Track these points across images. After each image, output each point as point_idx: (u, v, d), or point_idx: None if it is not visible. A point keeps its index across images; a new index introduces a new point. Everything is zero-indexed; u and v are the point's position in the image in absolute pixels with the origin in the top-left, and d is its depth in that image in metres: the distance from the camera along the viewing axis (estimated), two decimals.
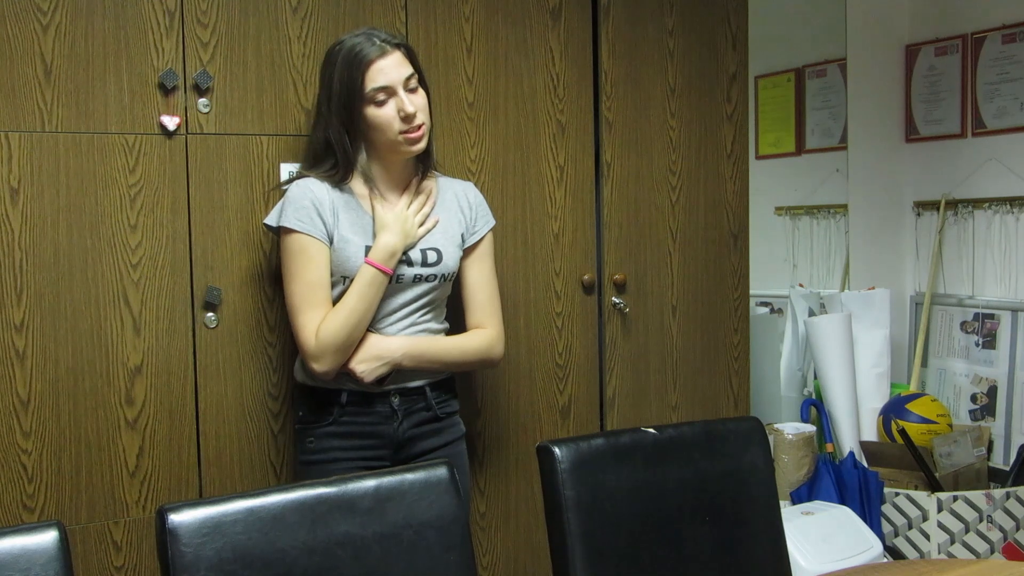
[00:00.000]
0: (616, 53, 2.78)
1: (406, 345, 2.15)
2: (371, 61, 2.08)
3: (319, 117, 2.17)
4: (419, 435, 2.20)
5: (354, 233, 2.13)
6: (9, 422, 2.08)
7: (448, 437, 2.26)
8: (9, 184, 2.07)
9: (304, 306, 2.09)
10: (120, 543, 2.19)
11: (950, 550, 3.25)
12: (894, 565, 1.97)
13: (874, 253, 4.01)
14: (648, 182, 2.85)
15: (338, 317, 2.07)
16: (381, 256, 2.10)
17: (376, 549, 1.57)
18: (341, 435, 2.16)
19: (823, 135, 4.10)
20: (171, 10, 2.20)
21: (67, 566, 1.40)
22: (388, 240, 2.11)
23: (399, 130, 2.11)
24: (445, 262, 2.20)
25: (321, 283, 2.10)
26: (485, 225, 2.30)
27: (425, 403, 2.21)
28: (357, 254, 2.11)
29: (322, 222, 2.10)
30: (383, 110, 2.10)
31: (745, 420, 2.07)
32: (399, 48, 2.13)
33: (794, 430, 3.44)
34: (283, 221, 2.11)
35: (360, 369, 2.10)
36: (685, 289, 2.93)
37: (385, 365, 2.13)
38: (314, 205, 2.10)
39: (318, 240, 2.10)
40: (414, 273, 2.16)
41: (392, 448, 2.18)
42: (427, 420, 2.22)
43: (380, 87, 2.08)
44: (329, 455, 2.15)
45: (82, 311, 2.14)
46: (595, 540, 1.78)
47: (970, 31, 3.81)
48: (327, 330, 2.06)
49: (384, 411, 2.17)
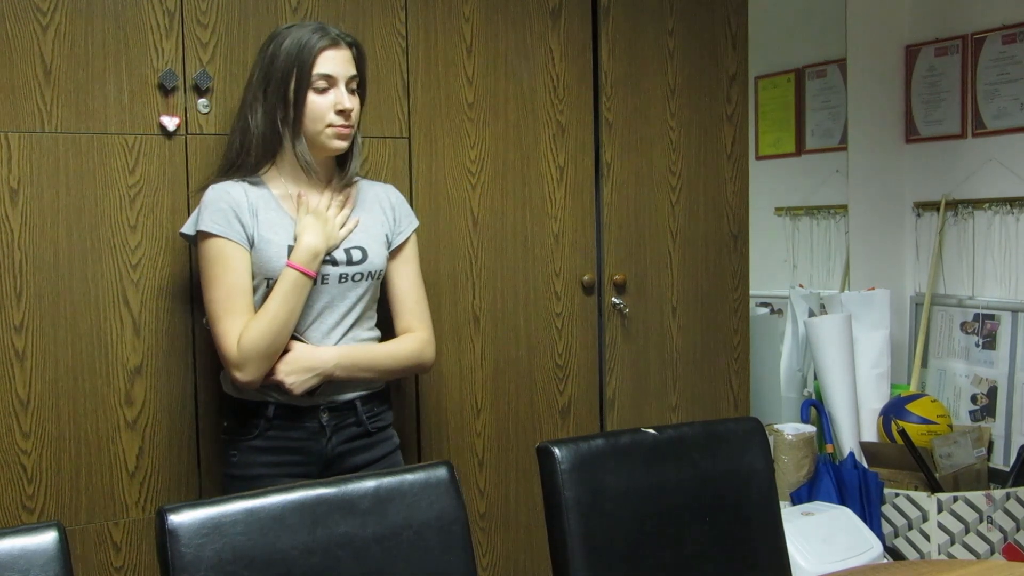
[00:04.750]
0: (616, 54, 2.78)
1: (338, 355, 2.06)
2: (323, 48, 2.04)
3: (245, 107, 2.09)
4: (349, 451, 2.12)
5: (274, 233, 2.05)
6: (9, 422, 2.08)
7: (380, 452, 2.16)
8: (9, 184, 2.07)
9: (225, 313, 1.99)
10: (120, 544, 2.19)
11: (950, 551, 3.25)
12: (894, 566, 1.97)
13: (874, 254, 4.01)
14: (648, 182, 2.85)
15: (260, 323, 1.98)
16: (303, 258, 2.02)
17: (376, 549, 1.57)
18: (266, 450, 2.07)
19: (823, 135, 4.10)
20: (171, 10, 2.20)
21: (67, 567, 1.40)
22: (310, 241, 2.03)
23: (329, 122, 2.06)
24: (371, 259, 2.12)
25: (242, 289, 2.01)
26: (409, 226, 2.24)
27: (355, 418, 2.12)
28: (279, 254, 2.03)
29: (240, 225, 2.02)
30: (321, 98, 2.05)
31: (745, 421, 2.06)
32: (351, 47, 2.10)
33: (794, 431, 3.44)
34: (200, 225, 2.02)
35: (290, 381, 2.01)
36: (685, 289, 2.93)
37: (316, 376, 2.03)
38: (232, 208, 2.02)
39: (237, 244, 2.01)
40: (339, 272, 2.08)
41: (320, 465, 2.09)
42: (357, 435, 2.13)
43: (325, 74, 2.04)
44: (253, 471, 2.06)
45: (82, 312, 2.14)
46: (595, 540, 1.78)
47: (970, 31, 3.81)
48: (249, 337, 1.97)
49: (312, 427, 2.08)
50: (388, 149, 2.46)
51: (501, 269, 2.62)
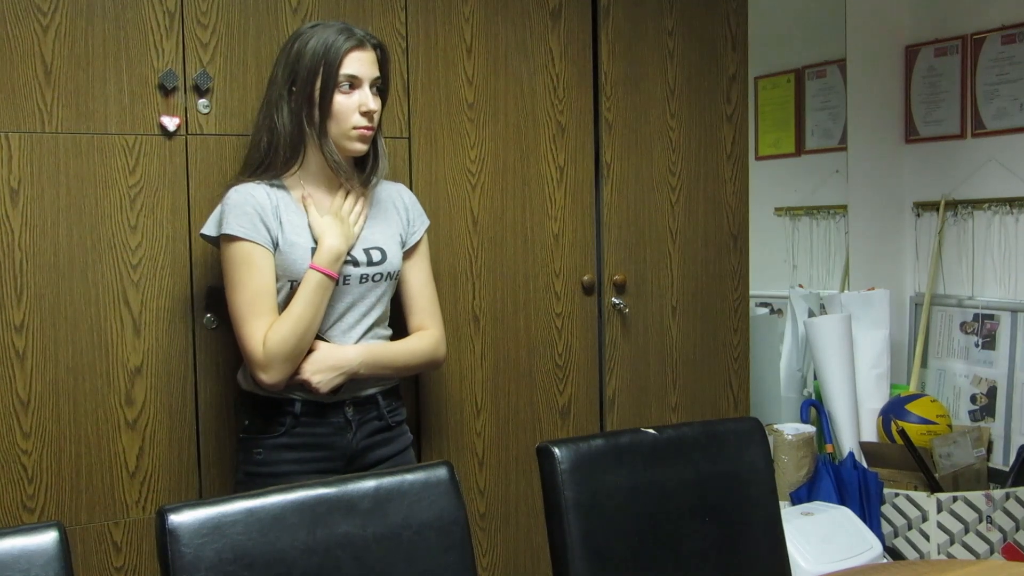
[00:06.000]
0: (616, 54, 2.78)
1: (362, 353, 2.09)
2: (350, 49, 2.05)
3: (271, 106, 2.09)
4: (371, 445, 2.15)
5: (298, 235, 2.06)
6: (9, 423, 2.08)
7: (399, 446, 2.20)
8: (9, 185, 2.07)
9: (250, 316, 2.01)
10: (120, 544, 2.19)
11: (950, 551, 3.25)
12: (894, 566, 1.97)
13: (874, 254, 4.01)
14: (648, 183, 2.85)
15: (285, 325, 2.00)
16: (326, 260, 2.04)
17: (376, 549, 1.57)
18: (294, 447, 2.08)
19: (823, 136, 4.10)
20: (171, 11, 2.20)
21: (67, 567, 1.40)
22: (332, 243, 2.05)
23: (354, 124, 2.07)
24: (390, 260, 2.15)
25: (267, 291, 2.03)
26: (422, 226, 2.26)
27: (377, 412, 2.15)
28: (304, 256, 2.05)
29: (266, 228, 2.04)
30: (346, 98, 2.06)
31: (745, 421, 2.07)
32: (376, 48, 2.11)
33: (794, 431, 3.44)
34: (225, 229, 2.03)
35: (316, 380, 2.03)
36: (685, 290, 2.93)
37: (341, 375, 2.06)
38: (256, 211, 2.03)
39: (262, 247, 2.03)
40: (360, 273, 2.11)
41: (345, 459, 2.11)
42: (379, 430, 2.16)
43: (351, 75, 2.05)
44: (279, 468, 2.07)
45: (82, 312, 2.14)
46: (595, 540, 1.78)
47: (970, 32, 3.81)
48: (275, 339, 1.99)
49: (338, 422, 2.10)
50: (388, 149, 2.44)
51: (501, 269, 2.63)
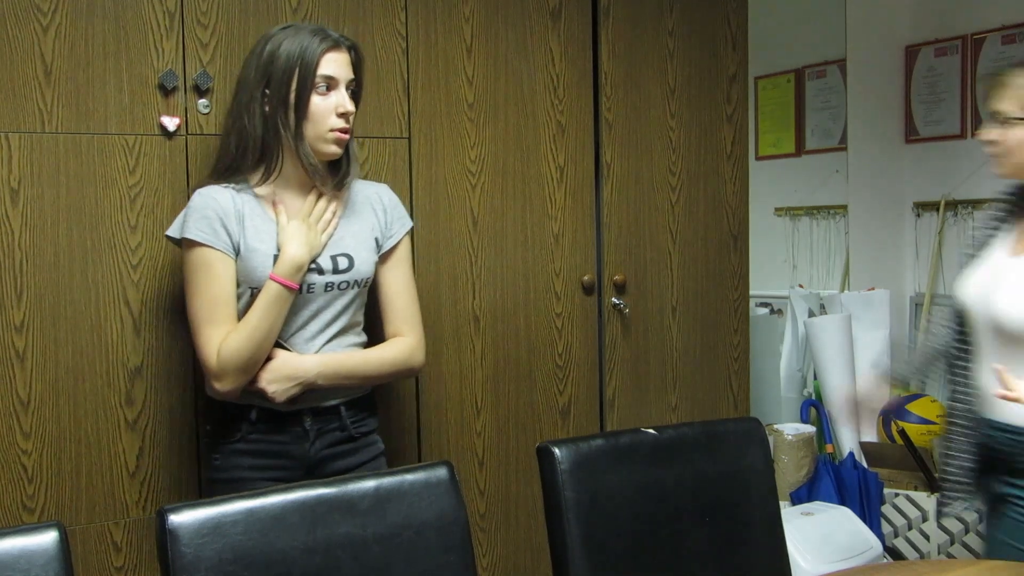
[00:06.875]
0: (616, 54, 2.78)
1: (320, 363, 2.03)
2: (327, 49, 2.02)
3: (240, 109, 2.04)
4: (332, 455, 2.09)
5: (260, 242, 2.02)
6: (9, 423, 2.08)
7: (364, 457, 2.14)
8: (9, 185, 2.07)
9: (206, 323, 1.98)
10: (120, 544, 2.19)
11: (950, 551, 3.25)
12: (894, 566, 1.97)
13: (874, 254, 4.01)
14: (648, 183, 2.85)
15: (241, 335, 1.96)
16: (287, 270, 1.98)
17: (376, 549, 1.57)
18: (250, 453, 2.05)
19: (823, 136, 4.11)
20: (171, 11, 2.20)
21: (67, 567, 1.40)
22: (294, 252, 1.99)
23: (331, 126, 2.03)
24: (357, 267, 2.09)
25: (225, 298, 1.99)
26: (401, 228, 2.19)
27: (339, 423, 2.10)
28: (265, 263, 2.00)
29: (227, 233, 1.99)
30: (323, 100, 2.02)
31: (745, 421, 2.07)
32: (350, 50, 2.08)
33: (794, 431, 3.45)
34: (185, 232, 2.00)
35: (271, 390, 1.99)
36: (685, 290, 2.93)
37: (298, 385, 2.01)
38: (218, 215, 1.99)
39: (222, 253, 1.99)
40: (325, 281, 2.04)
41: (304, 469, 2.06)
42: (341, 440, 2.10)
43: (329, 75, 2.02)
44: (236, 474, 2.04)
45: (82, 312, 2.14)
46: (595, 540, 1.78)
47: (970, 32, 3.81)
48: (229, 348, 1.95)
49: (296, 431, 2.06)
50: (388, 149, 2.46)
51: (501, 269, 2.63)
